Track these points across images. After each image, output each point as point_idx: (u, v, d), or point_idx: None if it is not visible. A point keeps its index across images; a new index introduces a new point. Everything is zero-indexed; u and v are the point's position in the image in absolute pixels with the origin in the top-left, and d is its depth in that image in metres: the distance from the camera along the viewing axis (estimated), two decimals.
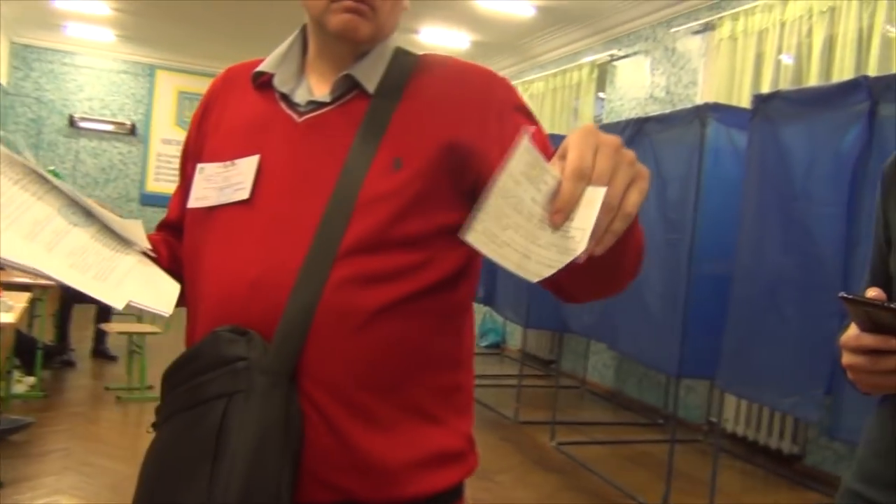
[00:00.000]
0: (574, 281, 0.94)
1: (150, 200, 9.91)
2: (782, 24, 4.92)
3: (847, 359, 1.02)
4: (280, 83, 1.09)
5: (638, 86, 6.45)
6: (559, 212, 0.71)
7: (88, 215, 0.98)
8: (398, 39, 1.13)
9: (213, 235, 1.04)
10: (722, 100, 5.04)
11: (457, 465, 1.04)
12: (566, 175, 0.71)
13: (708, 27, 5.59)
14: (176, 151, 10.15)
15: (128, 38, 9.14)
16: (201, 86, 10.18)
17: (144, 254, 1.03)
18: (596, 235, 0.70)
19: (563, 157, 0.74)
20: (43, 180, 0.95)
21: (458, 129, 1.02)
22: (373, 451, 0.96)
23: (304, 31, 1.15)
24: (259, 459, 0.89)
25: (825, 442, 4.31)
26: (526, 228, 0.71)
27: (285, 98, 1.08)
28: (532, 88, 7.96)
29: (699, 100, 5.51)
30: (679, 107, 5.51)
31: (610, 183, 0.71)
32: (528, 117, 1.08)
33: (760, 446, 4.70)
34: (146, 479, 0.98)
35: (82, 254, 0.94)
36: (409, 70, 1.08)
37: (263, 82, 1.11)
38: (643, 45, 6.42)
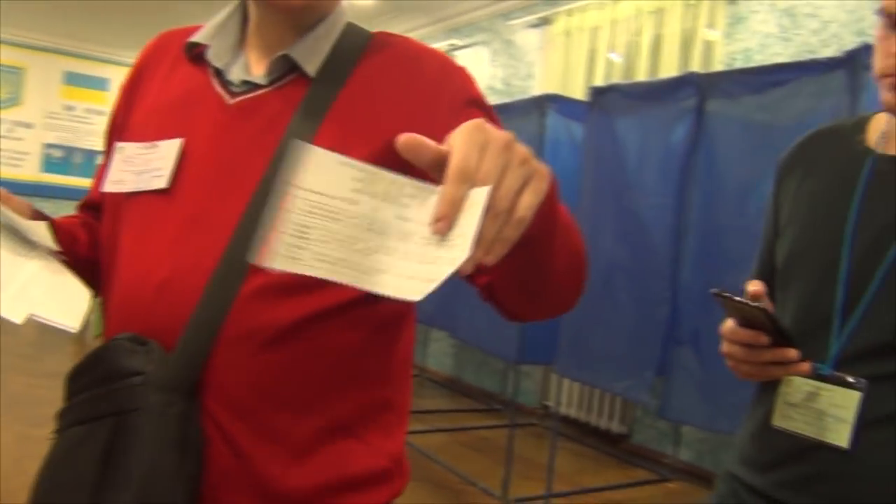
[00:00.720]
0: (507, 297, 0.88)
1: None
2: (613, 22, 5.13)
3: (725, 348, 1.06)
4: (214, 57, 0.96)
5: (477, 76, 6.47)
6: (440, 219, 0.61)
7: None
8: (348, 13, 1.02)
9: (128, 225, 0.93)
10: (557, 92, 5.18)
11: (380, 488, 0.95)
12: (447, 177, 0.62)
13: (544, 21, 5.74)
14: None
15: None
16: (10, 57, 9.32)
17: (56, 258, 0.89)
18: (484, 244, 0.61)
19: (446, 157, 0.65)
20: None
21: (404, 122, 0.90)
22: (281, 476, 0.87)
23: None
24: (149, 486, 0.81)
25: (650, 421, 4.56)
26: (404, 250, 0.63)
27: (219, 74, 0.96)
28: None
29: (536, 92, 5.64)
30: (517, 98, 5.61)
31: (498, 185, 0.61)
32: (482, 110, 0.97)
33: (591, 427, 4.89)
34: (37, 496, 0.87)
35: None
36: (357, 51, 0.97)
37: (198, 54, 0.98)
38: (482, 37, 6.50)
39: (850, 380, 1.01)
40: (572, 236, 0.86)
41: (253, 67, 0.97)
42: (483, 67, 6.44)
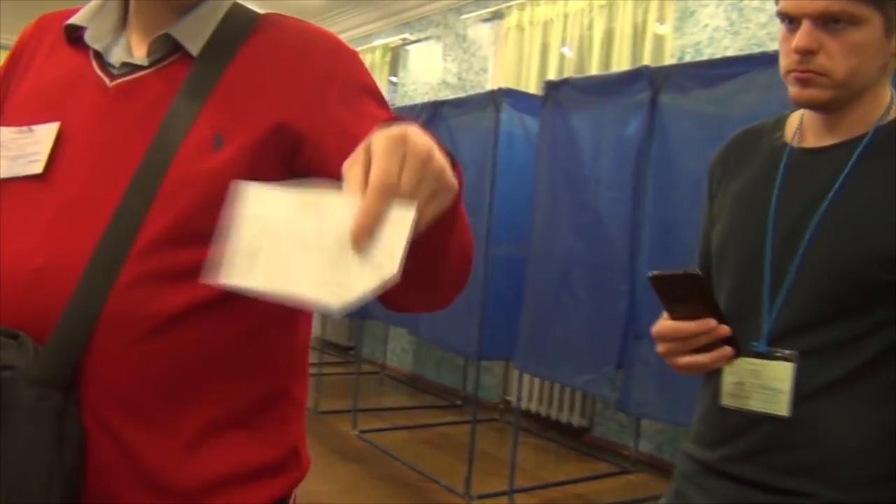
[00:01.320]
0: (392, 290, 0.87)
1: None
2: (566, 16, 5.14)
3: (661, 348, 1.13)
4: (92, 39, 0.93)
5: (430, 71, 6.49)
6: (362, 232, 0.63)
7: None
8: None
9: (2, 213, 0.88)
10: (511, 86, 5.18)
11: (276, 479, 0.93)
12: (369, 190, 0.64)
13: (497, 16, 5.73)
14: None
15: None
16: None
17: None
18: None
19: (364, 165, 0.66)
20: None
21: (290, 107, 0.90)
22: (171, 469, 0.85)
23: None
24: (21, 486, 0.77)
25: (610, 414, 4.59)
26: (323, 261, 0.66)
27: (99, 57, 0.92)
28: None
29: (490, 86, 5.63)
30: (471, 93, 5.60)
31: (409, 197, 0.65)
32: (374, 98, 0.96)
33: (552, 421, 4.91)
34: None
35: None
36: (243, 31, 0.94)
37: (77, 37, 0.94)
38: (435, 31, 6.47)
39: (783, 353, 1.10)
40: (464, 236, 0.88)
41: (134, 49, 0.94)
42: (436, 62, 6.41)
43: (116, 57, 0.93)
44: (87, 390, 0.81)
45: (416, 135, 0.68)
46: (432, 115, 4.39)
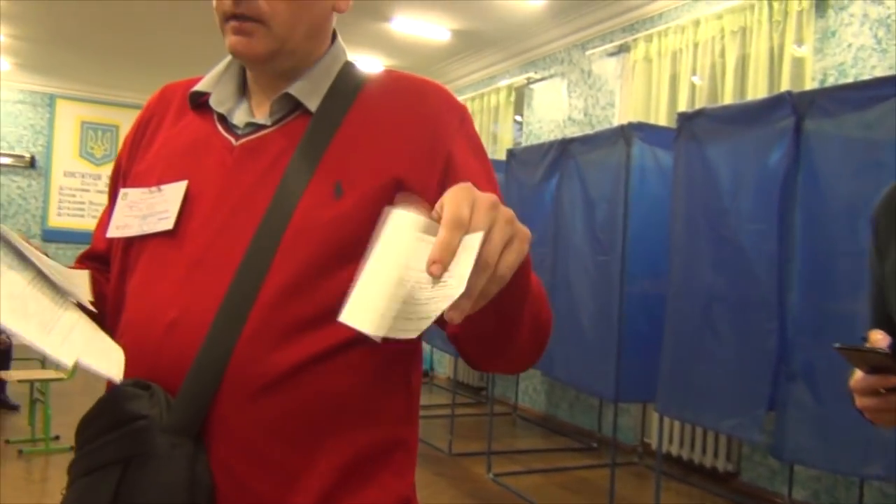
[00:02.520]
0: (470, 349, 0.90)
1: (53, 236, 9.38)
2: (695, 45, 5.00)
3: (860, 402, 1.05)
4: (217, 103, 0.97)
5: (556, 108, 6.47)
6: (436, 262, 0.65)
7: (23, 258, 0.82)
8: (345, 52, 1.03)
9: (135, 269, 0.93)
10: (640, 120, 5.07)
11: None
12: (443, 224, 0.67)
13: (623, 49, 5.65)
14: (80, 184, 9.69)
15: (25, 66, 8.69)
16: (105, 115, 9.77)
17: (86, 311, 0.87)
18: (470, 293, 0.65)
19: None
20: None
21: (403, 162, 0.92)
22: None
23: None
24: None
25: (760, 458, 4.32)
26: (406, 295, 0.68)
27: (223, 120, 0.96)
28: None
29: (617, 121, 5.54)
30: (598, 128, 5.53)
31: (487, 239, 0.67)
32: (478, 156, 0.99)
33: (695, 465, 4.68)
34: None
35: (21, 300, 0.78)
36: (357, 86, 0.98)
37: (201, 103, 0.99)
38: (559, 68, 6.45)
39: None
40: (541, 307, 0.89)
41: (256, 110, 0.98)
42: (561, 99, 6.39)
43: (240, 118, 0.97)
44: (214, 439, 0.84)
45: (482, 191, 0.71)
46: (561, 152, 4.35)
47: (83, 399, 0.84)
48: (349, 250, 0.85)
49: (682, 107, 4.83)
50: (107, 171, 9.75)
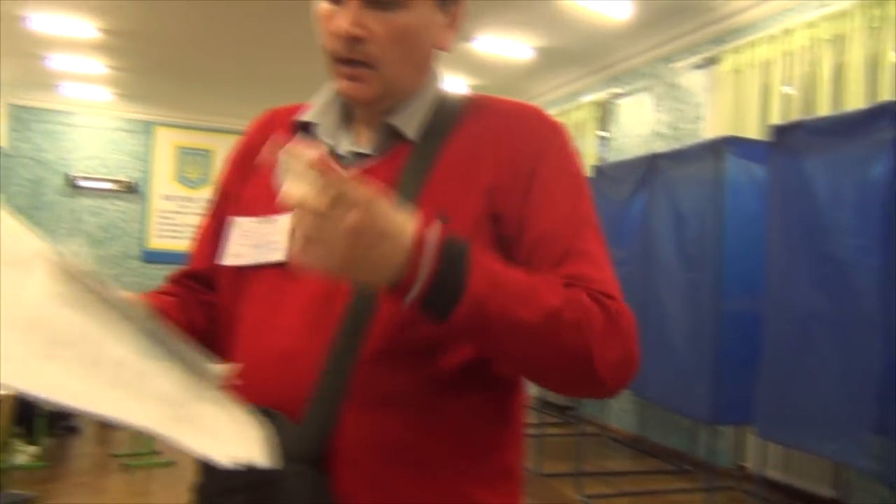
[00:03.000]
0: (499, 369, 0.92)
1: (152, 258, 9.79)
2: (787, 55, 4.86)
3: None
4: (323, 134, 1.01)
5: (641, 123, 6.38)
6: None
7: (156, 338, 0.78)
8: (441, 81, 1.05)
9: (249, 297, 0.96)
10: (730, 133, 4.95)
11: None
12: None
13: (710, 61, 5.53)
14: (177, 207, 10.08)
15: (124, 95, 9.12)
16: (200, 141, 10.15)
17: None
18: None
19: None
20: (96, 289, 0.75)
21: (501, 189, 0.93)
22: None
23: None
24: None
25: (867, 485, 4.12)
26: None
27: (328, 149, 0.99)
28: None
29: (706, 134, 5.43)
30: (686, 142, 5.42)
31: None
32: (563, 170, 0.97)
33: (796, 490, 4.49)
34: None
35: (170, 400, 0.74)
36: (453, 113, 1.00)
37: (306, 131, 1.02)
38: (645, 82, 6.37)
39: None
40: (543, 338, 0.83)
41: (359, 139, 1.00)
42: (647, 113, 6.30)
43: (344, 147, 0.99)
44: (336, 466, 0.85)
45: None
46: (649, 168, 4.29)
47: None
48: None
49: (775, 119, 4.69)
50: (201, 194, 10.14)
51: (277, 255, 0.94)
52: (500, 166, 0.94)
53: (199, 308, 1.05)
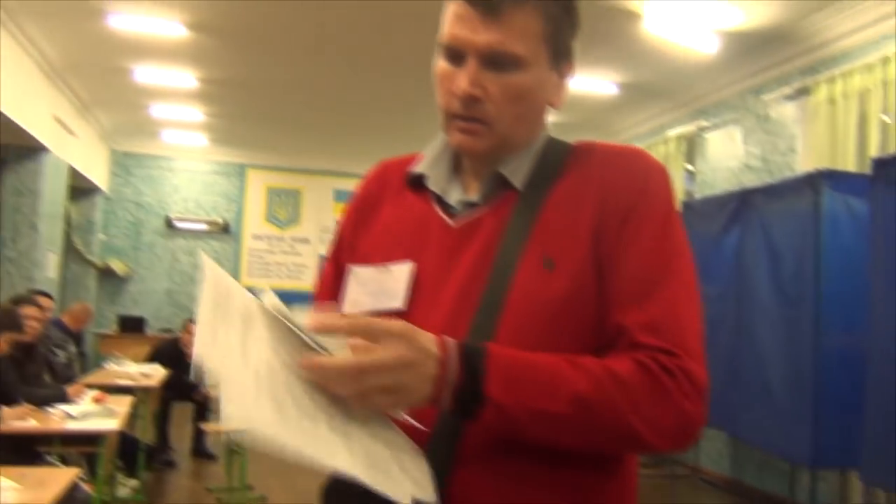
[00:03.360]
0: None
1: None
2: (885, 84, 4.70)
3: None
4: (434, 184, 1.04)
5: (730, 156, 6.26)
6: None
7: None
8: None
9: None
10: (825, 165, 4.80)
11: None
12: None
13: (802, 92, 5.40)
14: (267, 247, 10.40)
15: (219, 140, 9.52)
16: (289, 181, 10.48)
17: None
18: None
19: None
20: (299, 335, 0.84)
21: (598, 227, 0.94)
22: None
23: None
24: None
25: None
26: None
27: (439, 199, 1.04)
28: None
29: (799, 167, 5.28)
30: (777, 175, 5.30)
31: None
32: (672, 228, 0.97)
33: None
34: None
35: (367, 447, 0.81)
36: (558, 161, 1.02)
37: (418, 182, 1.07)
38: (733, 115, 6.25)
39: None
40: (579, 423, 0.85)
41: (468, 189, 1.03)
42: (736, 146, 6.18)
43: (454, 197, 1.03)
44: None
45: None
46: (741, 203, 4.20)
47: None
48: (563, 321, 0.90)
49: (873, 150, 4.54)
50: (290, 233, 10.44)
51: (393, 302, 0.98)
52: (601, 209, 0.95)
53: None
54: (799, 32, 5.18)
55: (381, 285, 1.00)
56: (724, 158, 6.34)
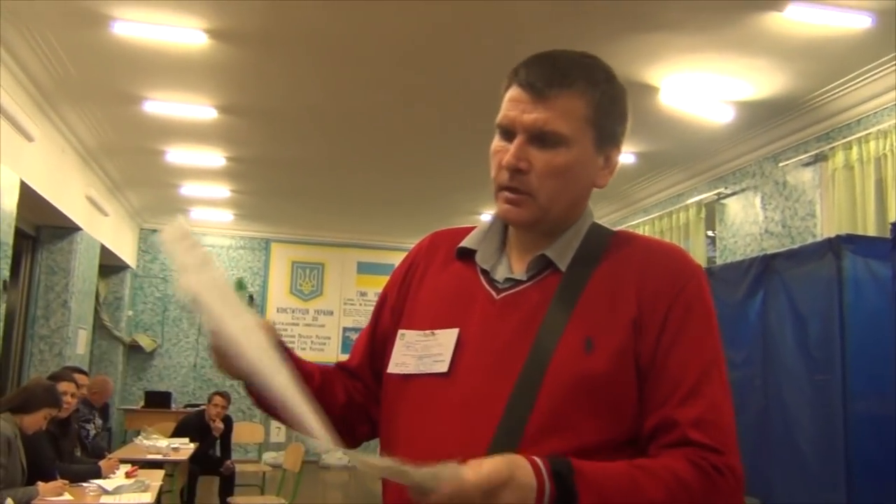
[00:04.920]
0: None
1: None
2: None
3: None
4: (482, 260, 1.12)
5: (750, 222, 6.32)
6: None
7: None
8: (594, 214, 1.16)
9: (410, 403, 1.06)
10: (845, 230, 4.85)
11: None
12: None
13: (819, 158, 5.48)
14: (291, 319, 10.49)
15: (244, 216, 9.71)
16: (312, 255, 10.63)
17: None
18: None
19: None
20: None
21: (637, 317, 1.02)
22: None
23: None
24: None
25: None
26: None
27: (485, 273, 1.11)
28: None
29: (820, 231, 5.33)
30: (798, 240, 5.34)
31: None
32: (705, 323, 1.05)
33: None
34: None
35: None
36: (601, 247, 1.09)
37: (467, 255, 1.14)
38: (751, 181, 6.33)
39: None
40: None
41: (514, 267, 1.10)
42: (756, 212, 6.24)
43: (500, 274, 1.10)
44: None
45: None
46: (764, 268, 4.24)
47: None
48: (599, 400, 0.97)
49: (892, 215, 4.58)
50: (314, 306, 10.54)
51: (440, 366, 1.05)
52: (642, 303, 1.02)
53: (343, 386, 1.19)
54: (812, 102, 5.30)
55: (428, 350, 1.07)
56: (745, 224, 6.39)
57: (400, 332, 1.13)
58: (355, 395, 1.19)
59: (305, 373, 1.16)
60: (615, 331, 1.00)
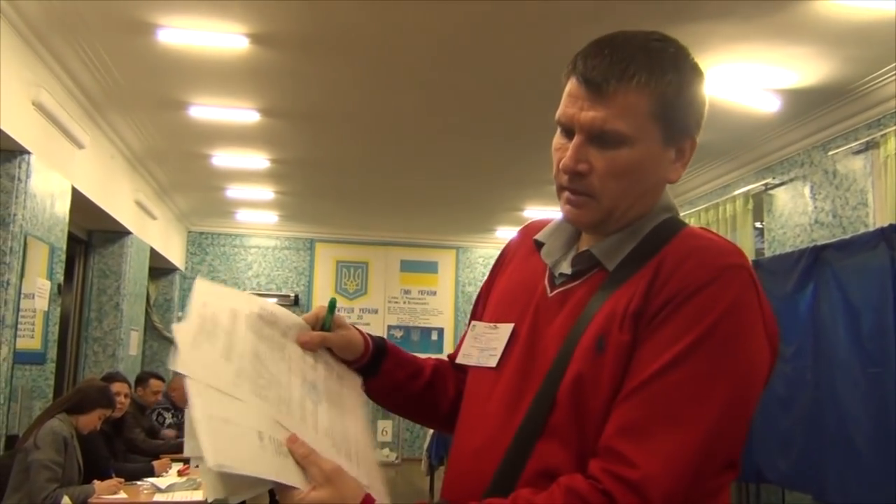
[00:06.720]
0: None
1: None
2: None
3: None
4: (546, 254, 1.10)
5: (799, 212, 6.19)
6: None
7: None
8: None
9: (468, 394, 1.10)
10: None
11: None
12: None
13: (870, 146, 5.34)
14: None
15: (288, 217, 9.82)
16: (357, 254, 10.71)
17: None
18: None
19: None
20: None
21: (643, 311, 0.95)
22: None
23: None
24: None
25: None
26: None
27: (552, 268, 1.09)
28: None
29: (872, 220, 5.19)
30: (850, 229, 5.22)
31: None
32: (690, 323, 0.91)
33: None
34: None
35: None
36: (659, 243, 1.00)
37: (541, 248, 1.12)
38: (800, 171, 6.20)
39: None
40: None
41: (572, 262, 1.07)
42: (805, 202, 6.11)
43: (560, 269, 1.07)
44: None
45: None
46: (814, 260, 4.15)
47: None
48: (607, 401, 0.92)
49: None
50: (359, 304, 10.61)
51: (491, 361, 1.05)
52: (648, 297, 0.94)
53: (454, 381, 1.21)
54: (861, 88, 5.17)
55: (489, 343, 1.08)
56: (794, 215, 6.26)
57: (472, 322, 1.14)
58: (462, 387, 1.18)
59: (415, 369, 1.19)
60: (621, 330, 0.94)
